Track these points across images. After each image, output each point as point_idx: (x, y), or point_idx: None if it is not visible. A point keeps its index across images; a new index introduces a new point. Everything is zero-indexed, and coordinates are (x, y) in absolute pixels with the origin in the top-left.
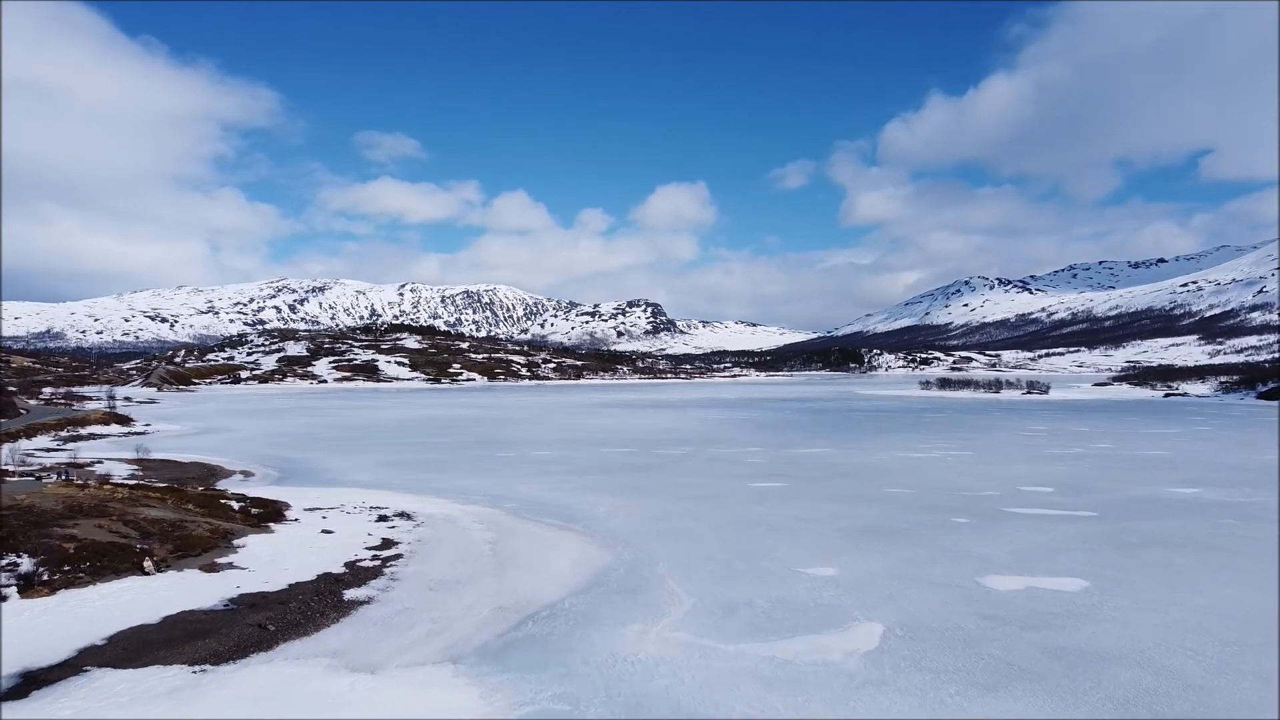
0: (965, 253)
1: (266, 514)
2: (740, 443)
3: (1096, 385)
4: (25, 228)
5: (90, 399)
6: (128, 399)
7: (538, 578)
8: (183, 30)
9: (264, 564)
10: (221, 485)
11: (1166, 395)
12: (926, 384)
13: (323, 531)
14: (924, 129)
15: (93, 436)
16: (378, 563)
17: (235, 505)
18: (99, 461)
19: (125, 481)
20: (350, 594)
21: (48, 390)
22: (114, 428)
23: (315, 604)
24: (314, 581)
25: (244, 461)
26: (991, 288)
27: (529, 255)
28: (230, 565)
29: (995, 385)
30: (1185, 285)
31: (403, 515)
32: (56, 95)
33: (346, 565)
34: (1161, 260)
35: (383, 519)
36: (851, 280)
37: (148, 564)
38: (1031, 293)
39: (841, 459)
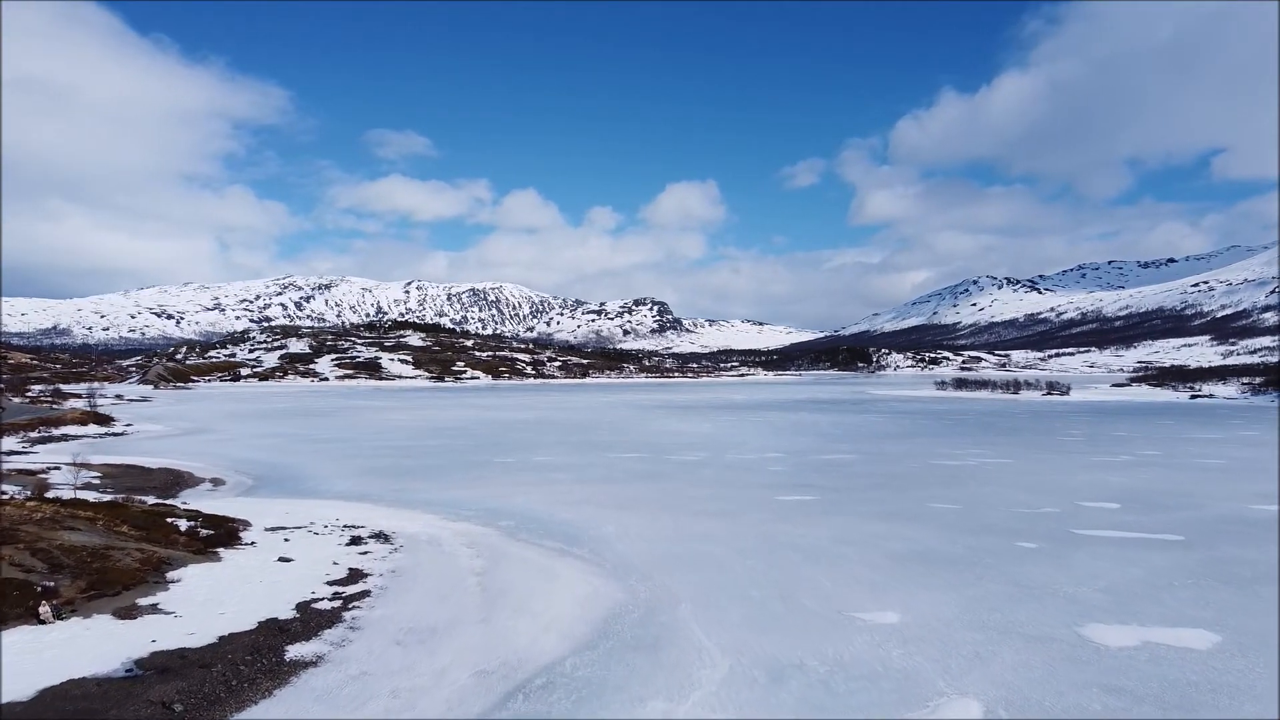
0: (973, 252)
1: (217, 536)
2: (757, 447)
3: (1115, 386)
4: (34, 224)
5: (80, 396)
6: (119, 396)
7: (533, 624)
8: (194, 28)
9: (196, 606)
10: (185, 495)
11: (1193, 397)
12: (942, 384)
13: (280, 559)
14: (936, 126)
15: (65, 438)
16: (338, 603)
17: (183, 525)
18: (56, 467)
19: (56, 496)
20: (295, 651)
21: (37, 387)
22: (91, 428)
23: (246, 668)
24: (252, 632)
25: (219, 467)
26: (1000, 287)
27: (537, 253)
28: (154, 608)
29: (1014, 386)
30: (1196, 285)
31: (379, 536)
32: (67, 92)
33: (298, 608)
34: (1171, 260)
35: (355, 541)
36: (859, 279)
37: (44, 610)
38: (1040, 292)
39: (870, 467)
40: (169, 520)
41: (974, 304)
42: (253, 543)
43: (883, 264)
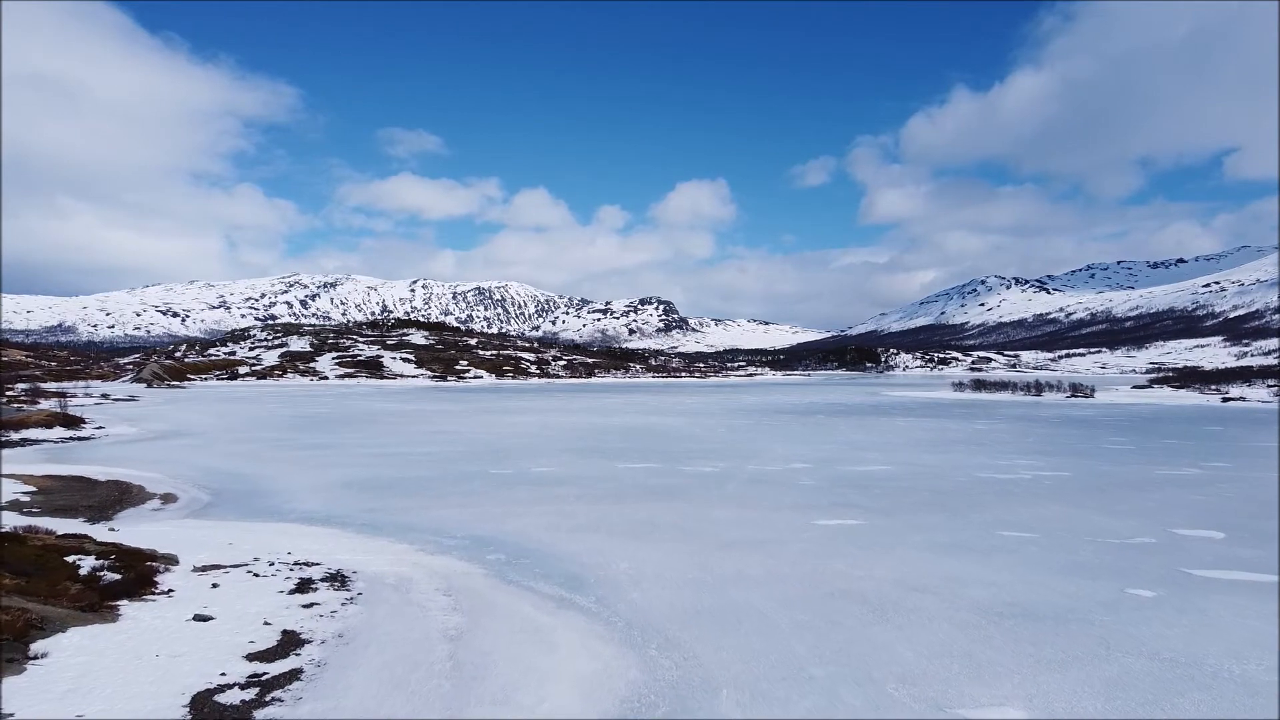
0: (982, 252)
1: (124, 582)
2: (780, 456)
3: (1137, 388)
4: (42, 221)
5: (61, 395)
6: (105, 396)
7: None
8: (204, 27)
9: (50, 702)
10: (123, 516)
11: (1224, 400)
12: (959, 385)
13: (196, 617)
14: (948, 124)
15: (24, 442)
16: (252, 693)
17: (88, 565)
18: None
19: None
20: None
21: (20, 386)
22: (56, 430)
23: None
24: None
25: (177, 479)
26: (1008, 287)
27: (545, 252)
28: None
29: (1035, 387)
30: (1207, 285)
31: (334, 579)
32: (77, 90)
33: (194, 703)
34: (1181, 260)
35: (302, 587)
36: (866, 279)
37: None
38: (1049, 293)
39: (913, 482)
40: (69, 560)
41: (982, 304)
42: (169, 591)
43: (890, 263)
